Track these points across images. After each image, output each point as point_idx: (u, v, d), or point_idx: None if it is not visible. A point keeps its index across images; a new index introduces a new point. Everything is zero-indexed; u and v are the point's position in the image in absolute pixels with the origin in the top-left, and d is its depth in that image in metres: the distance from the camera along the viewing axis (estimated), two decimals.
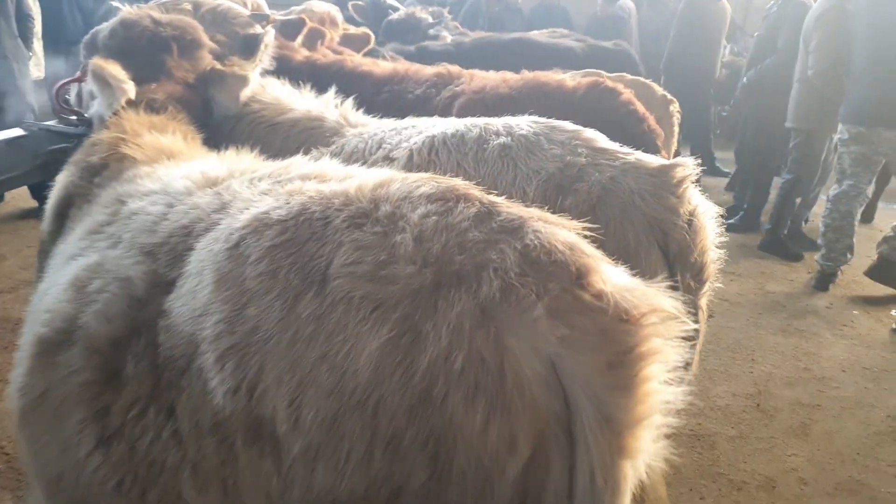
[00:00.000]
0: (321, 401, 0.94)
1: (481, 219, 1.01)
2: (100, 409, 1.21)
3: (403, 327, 0.92)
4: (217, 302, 1.10)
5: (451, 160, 1.59)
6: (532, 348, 0.88)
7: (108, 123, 1.90)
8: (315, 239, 1.08)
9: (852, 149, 4.62)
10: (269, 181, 1.34)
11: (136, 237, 1.38)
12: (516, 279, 0.91)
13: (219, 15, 2.47)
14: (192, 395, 1.11)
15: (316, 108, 2.13)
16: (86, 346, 1.25)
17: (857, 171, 4.64)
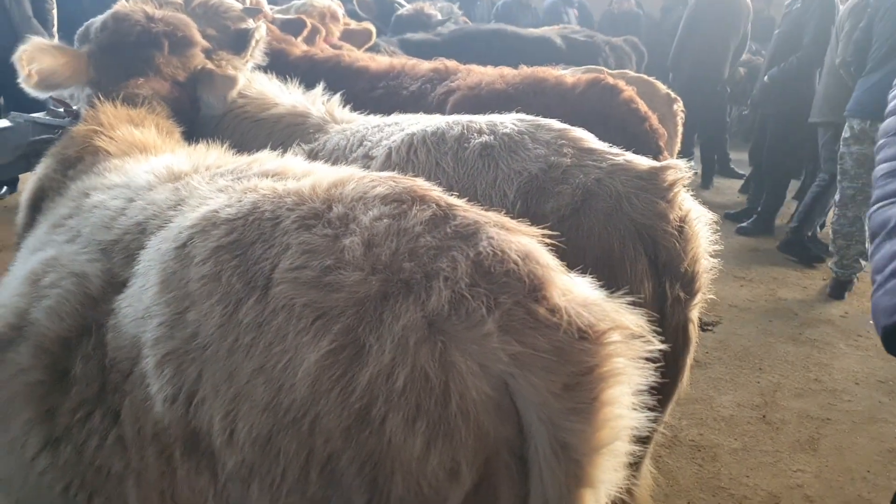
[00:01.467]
0: (256, 416, 0.87)
1: (436, 223, 0.94)
2: (47, 409, 1.17)
3: (345, 340, 0.85)
4: (160, 304, 1.04)
5: (429, 159, 1.52)
6: (481, 367, 0.80)
7: (84, 116, 1.86)
8: (263, 240, 1.01)
9: (853, 149, 4.44)
10: (229, 177, 1.28)
11: (93, 233, 1.33)
12: (467, 290, 0.84)
13: (210, 9, 2.42)
14: (135, 401, 1.06)
15: (302, 103, 2.07)
16: (35, 343, 1.20)
17: (860, 172, 4.45)
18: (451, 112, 2.42)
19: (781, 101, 5.69)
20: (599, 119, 2.25)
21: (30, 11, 5.11)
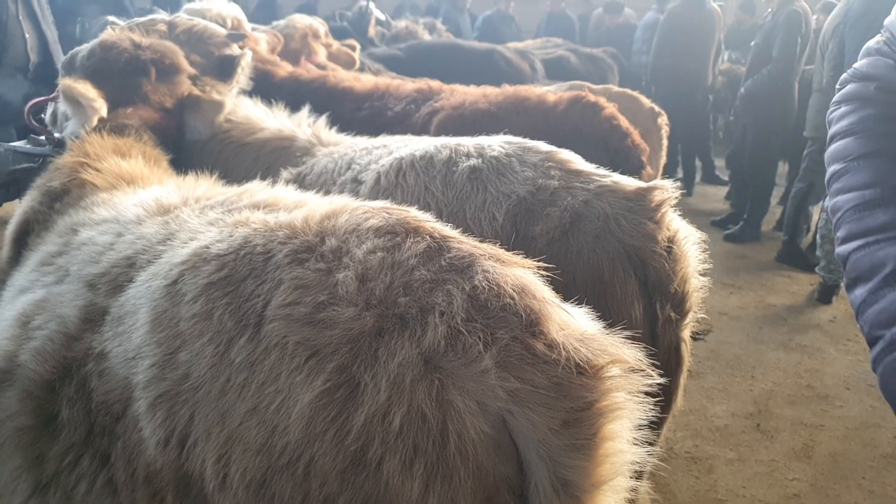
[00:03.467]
0: (249, 459, 0.85)
1: (430, 256, 0.93)
2: (36, 455, 1.14)
3: (339, 379, 0.84)
4: (151, 344, 1.02)
5: (418, 183, 1.51)
6: (479, 405, 0.79)
7: (70, 146, 1.83)
8: (254, 276, 1.00)
9: None
10: (219, 210, 1.27)
11: (81, 269, 1.31)
12: (463, 325, 0.83)
13: (194, 35, 2.41)
14: (128, 444, 1.04)
15: (288, 126, 2.06)
16: (22, 387, 1.18)
17: None
18: (436, 132, 2.43)
19: (758, 111, 5.81)
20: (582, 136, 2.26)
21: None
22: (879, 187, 0.98)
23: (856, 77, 1.11)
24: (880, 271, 0.92)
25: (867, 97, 1.06)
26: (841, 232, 1.02)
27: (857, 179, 1.01)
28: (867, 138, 1.03)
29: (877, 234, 0.96)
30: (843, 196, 1.03)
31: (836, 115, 1.11)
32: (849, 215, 1.00)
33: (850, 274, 0.98)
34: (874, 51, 1.09)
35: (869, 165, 1.00)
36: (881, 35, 1.10)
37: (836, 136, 1.09)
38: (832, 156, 1.09)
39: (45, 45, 4.51)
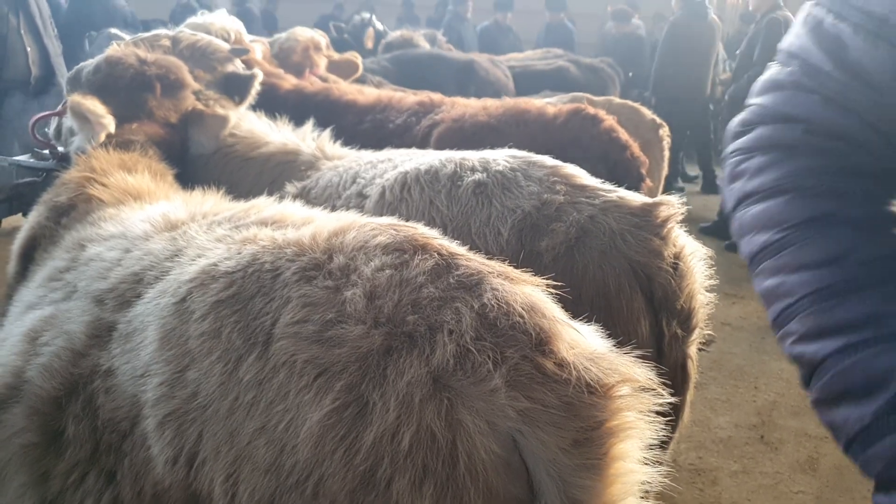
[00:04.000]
0: (258, 478, 0.85)
1: (438, 273, 0.93)
2: (42, 473, 1.14)
3: (348, 398, 0.84)
4: (160, 362, 1.02)
5: (423, 198, 1.52)
6: (489, 424, 0.79)
7: (76, 162, 1.84)
8: (263, 294, 1.00)
9: None
10: (227, 226, 1.27)
11: (89, 285, 1.32)
12: (472, 344, 0.83)
13: (197, 50, 2.43)
14: (135, 462, 1.04)
15: (292, 140, 2.07)
16: (29, 404, 1.18)
17: None
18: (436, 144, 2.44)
19: None
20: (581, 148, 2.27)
21: None
22: (845, 263, 0.75)
23: (767, 117, 0.86)
24: (884, 387, 0.68)
25: (792, 144, 0.83)
26: (797, 325, 0.77)
27: (809, 254, 0.77)
28: (810, 198, 0.79)
29: (861, 330, 0.71)
30: (791, 276, 0.78)
31: (750, 168, 0.85)
32: (808, 303, 0.76)
33: (833, 387, 0.73)
34: (789, 84, 0.84)
35: (822, 234, 0.77)
36: (784, 64, 0.86)
37: (754, 195, 0.84)
38: (756, 222, 0.83)
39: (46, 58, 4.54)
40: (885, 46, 0.75)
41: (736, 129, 0.91)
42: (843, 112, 0.79)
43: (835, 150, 0.80)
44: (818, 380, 0.75)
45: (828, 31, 0.80)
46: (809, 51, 0.82)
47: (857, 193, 0.79)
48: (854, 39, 0.77)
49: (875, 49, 0.75)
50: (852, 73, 0.77)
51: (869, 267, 0.75)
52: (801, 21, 0.86)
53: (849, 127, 0.79)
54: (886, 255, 0.76)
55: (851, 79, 0.78)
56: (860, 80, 0.77)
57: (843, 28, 0.78)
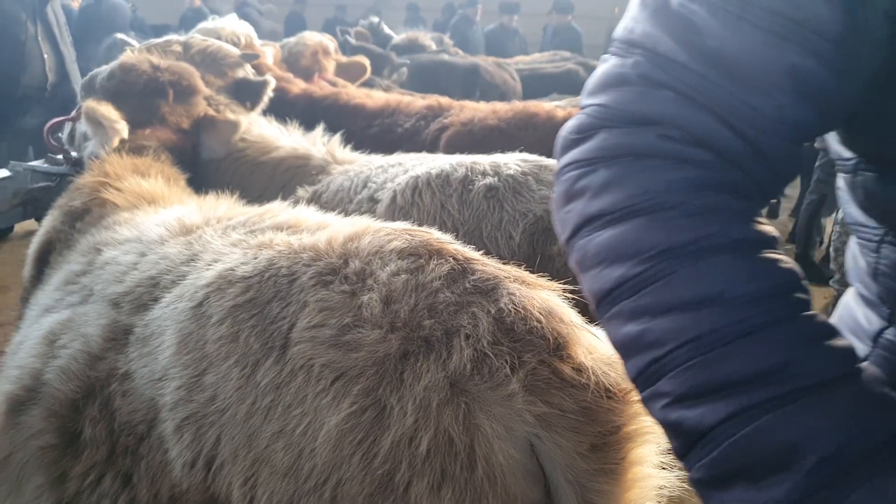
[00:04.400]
0: (276, 482, 0.86)
1: (454, 278, 0.94)
2: (59, 474, 1.15)
3: (366, 401, 0.84)
4: (177, 366, 1.03)
5: (434, 202, 1.53)
6: (506, 429, 0.80)
7: (91, 167, 1.86)
8: (279, 298, 1.01)
9: None
10: (242, 230, 1.28)
11: (105, 288, 1.33)
12: (489, 348, 0.83)
13: (208, 56, 2.45)
14: (152, 465, 1.04)
15: (303, 145, 2.08)
16: (46, 406, 1.19)
17: None
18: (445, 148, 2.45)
19: None
20: None
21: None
22: (726, 303, 0.59)
23: (612, 120, 0.68)
24: (792, 464, 0.53)
25: (644, 152, 0.65)
26: (670, 384, 0.60)
27: (679, 291, 0.60)
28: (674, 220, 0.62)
29: (760, 388, 0.56)
30: (657, 321, 0.61)
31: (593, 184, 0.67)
32: (684, 356, 0.59)
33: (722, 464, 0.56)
34: (635, 78, 0.68)
35: (694, 266, 0.61)
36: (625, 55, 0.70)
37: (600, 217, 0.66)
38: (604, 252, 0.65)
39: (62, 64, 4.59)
40: (749, 30, 0.62)
41: (569, 137, 0.72)
42: (702, 112, 0.64)
43: (696, 158, 0.64)
44: (703, 454, 0.58)
45: (676, 14, 0.66)
46: (656, 38, 0.67)
47: (728, 212, 0.63)
48: (710, 23, 0.63)
49: (736, 34, 0.62)
50: (710, 64, 0.63)
51: (754, 305, 0.58)
52: (638, 2, 0.71)
53: (710, 131, 0.64)
54: (772, 288, 0.60)
55: (709, 71, 0.64)
56: (720, 73, 0.63)
57: (696, 9, 0.64)
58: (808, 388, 0.55)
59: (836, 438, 0.53)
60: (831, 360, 0.57)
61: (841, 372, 0.57)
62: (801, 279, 0.62)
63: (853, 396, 0.56)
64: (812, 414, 0.54)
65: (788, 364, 0.56)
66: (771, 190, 0.69)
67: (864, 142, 0.70)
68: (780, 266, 0.62)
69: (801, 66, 0.61)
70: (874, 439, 0.53)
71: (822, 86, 0.62)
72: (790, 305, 0.60)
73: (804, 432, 0.54)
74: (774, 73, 0.62)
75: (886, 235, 0.71)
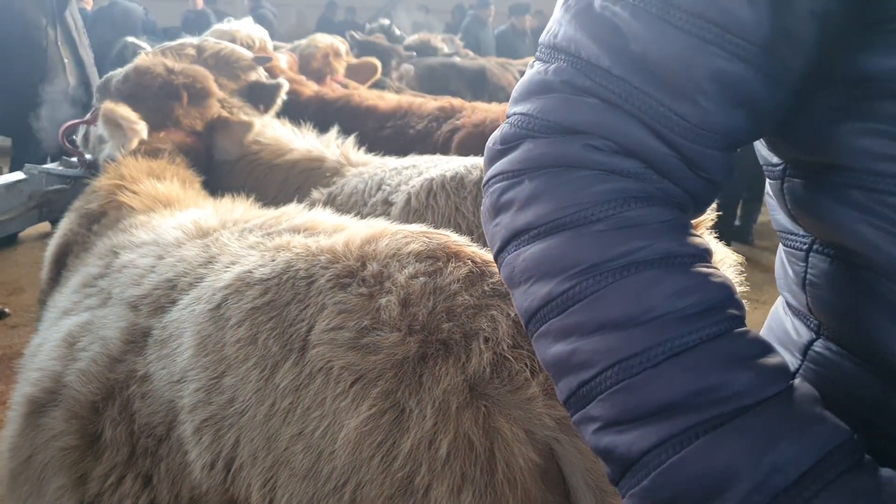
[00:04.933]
0: (295, 484, 0.86)
1: (472, 281, 0.94)
2: (80, 475, 1.16)
3: (385, 404, 0.85)
4: (196, 368, 1.04)
5: (449, 204, 1.53)
6: (526, 432, 0.80)
7: (106, 169, 1.88)
8: (298, 300, 1.01)
9: None
10: (259, 233, 1.29)
11: (123, 291, 1.34)
12: (509, 352, 0.83)
13: (221, 59, 2.47)
14: (172, 466, 1.05)
15: (316, 147, 2.09)
16: (67, 408, 1.20)
17: None
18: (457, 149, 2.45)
19: None
20: None
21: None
22: (658, 320, 0.57)
23: (536, 129, 0.66)
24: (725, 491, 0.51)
25: (569, 163, 0.63)
26: (599, 408, 0.58)
27: (607, 309, 0.58)
28: (601, 234, 0.60)
29: (685, 413, 0.54)
30: (586, 341, 0.59)
31: (520, 197, 0.65)
32: (613, 377, 0.57)
33: (655, 492, 0.54)
34: (558, 84, 0.65)
35: (623, 282, 0.59)
36: (548, 61, 0.67)
37: (526, 231, 0.64)
38: (532, 268, 0.63)
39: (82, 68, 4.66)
40: (673, 33, 0.59)
41: (495, 148, 0.70)
42: (628, 121, 0.62)
43: (623, 169, 0.62)
44: (634, 482, 0.56)
45: (599, 17, 0.63)
46: (579, 42, 0.64)
47: (657, 225, 0.61)
48: (633, 26, 0.60)
49: (660, 38, 0.59)
50: (634, 70, 0.61)
51: (683, 323, 0.56)
52: (561, 5, 0.68)
53: (637, 140, 0.61)
54: (702, 304, 0.57)
55: (633, 76, 0.61)
56: (644, 79, 0.60)
57: (618, 12, 0.61)
58: (738, 410, 0.53)
59: (768, 460, 0.51)
60: (763, 379, 0.54)
61: (772, 392, 0.54)
62: (733, 294, 0.60)
63: (784, 417, 0.53)
64: (743, 438, 0.52)
65: (719, 386, 0.54)
66: (704, 198, 0.67)
67: (792, 147, 0.67)
68: (712, 280, 0.59)
69: (726, 70, 0.58)
70: (804, 462, 0.51)
71: (750, 91, 0.59)
72: (721, 322, 0.57)
73: (735, 458, 0.51)
74: (699, 79, 0.59)
75: (814, 244, 0.68)
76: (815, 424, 0.53)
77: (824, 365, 0.68)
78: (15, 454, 1.27)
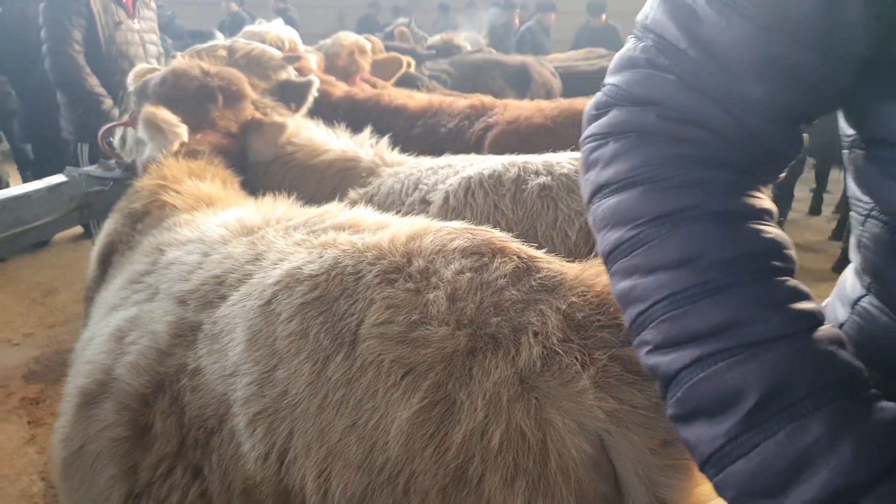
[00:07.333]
0: (350, 475, 0.88)
1: (519, 276, 0.95)
2: (130, 466, 1.19)
3: (436, 396, 0.86)
4: (248, 362, 1.07)
5: (487, 202, 1.54)
6: (578, 424, 0.81)
7: (149, 170, 1.93)
8: (346, 296, 1.03)
9: None
10: (303, 231, 1.31)
11: (171, 287, 1.38)
12: (559, 345, 0.85)
13: (252, 59, 2.52)
14: (224, 458, 1.08)
15: (351, 148, 2.12)
16: (118, 400, 1.24)
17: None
18: (490, 147, 2.46)
19: None
20: None
21: None
22: (701, 265, 0.67)
23: (622, 99, 0.77)
24: (736, 404, 0.62)
25: (646, 130, 0.74)
26: (650, 333, 0.69)
27: (662, 253, 0.69)
28: (665, 191, 0.70)
29: (714, 340, 0.65)
30: (644, 279, 0.70)
31: (604, 156, 0.76)
32: (662, 309, 0.68)
33: (685, 403, 0.66)
34: (643, 62, 0.75)
35: (677, 232, 0.69)
36: (640, 39, 0.77)
37: (607, 186, 0.75)
38: (609, 216, 0.74)
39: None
40: (738, 20, 0.66)
41: (590, 113, 0.82)
42: (699, 96, 0.71)
43: (691, 137, 0.72)
44: (672, 394, 0.68)
45: (682, 4, 0.71)
46: (664, 25, 0.73)
47: (716, 186, 0.70)
48: (708, 13, 0.68)
49: (727, 24, 0.67)
50: (706, 53, 0.69)
51: (724, 268, 0.67)
52: None
53: (706, 113, 0.71)
54: (744, 255, 0.67)
55: (706, 58, 0.69)
56: (714, 61, 0.69)
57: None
58: (757, 342, 0.64)
59: (772, 384, 0.62)
60: (784, 320, 0.65)
61: (790, 330, 0.64)
62: (781, 248, 0.69)
63: (795, 351, 0.63)
64: (756, 363, 0.63)
65: (743, 322, 0.65)
66: (772, 167, 0.76)
67: (856, 121, 0.75)
68: (760, 235, 0.69)
69: (785, 55, 0.65)
70: (801, 389, 0.61)
71: (807, 73, 0.66)
72: (759, 270, 0.67)
73: (747, 378, 0.63)
74: (760, 63, 0.67)
75: (873, 210, 0.75)
76: (822, 359, 0.63)
77: (866, 319, 0.79)
78: (67, 444, 1.31)
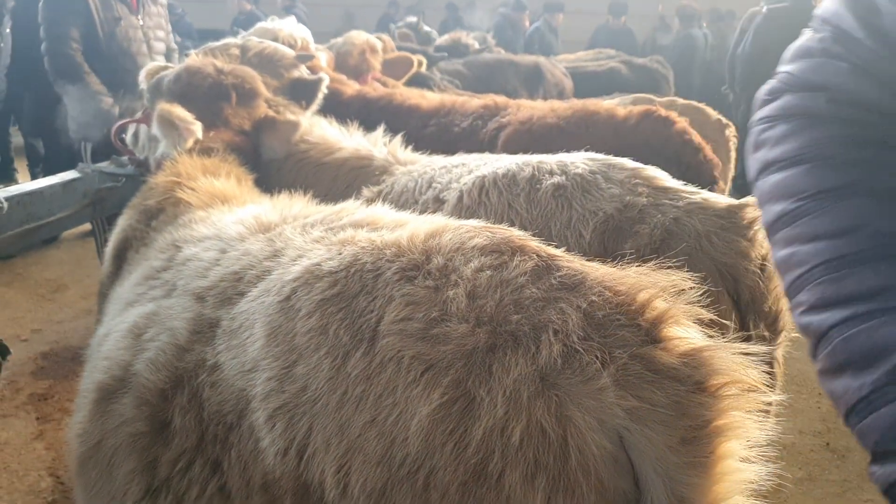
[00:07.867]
0: (370, 470, 0.89)
1: (538, 274, 0.96)
2: (150, 460, 1.20)
3: (456, 392, 0.87)
4: (267, 358, 1.07)
5: (501, 201, 1.55)
6: (598, 421, 0.81)
7: (163, 167, 1.94)
8: (366, 292, 1.04)
9: None
10: (321, 228, 1.32)
11: (188, 283, 1.38)
12: (579, 343, 0.85)
13: (265, 57, 2.53)
14: (243, 452, 1.09)
15: (364, 146, 2.13)
16: (137, 395, 1.25)
17: None
18: (503, 147, 2.46)
19: None
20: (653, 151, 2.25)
21: None
22: (860, 235, 0.74)
23: (794, 85, 0.85)
24: (885, 358, 0.68)
25: (815, 113, 0.82)
26: (806, 295, 0.78)
27: (823, 224, 0.77)
28: (830, 168, 0.78)
29: (868, 301, 0.71)
30: (804, 246, 0.78)
31: (773, 136, 0.85)
32: (819, 273, 0.76)
33: (836, 356, 0.73)
34: (818, 51, 0.83)
35: (839, 205, 0.77)
36: (815, 31, 0.85)
37: (775, 163, 0.83)
38: (774, 191, 0.83)
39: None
40: None
41: (763, 98, 0.90)
42: (871, 81, 0.77)
43: (859, 119, 0.79)
44: (822, 350, 0.76)
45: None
46: (842, 16, 0.80)
47: (879, 165, 0.77)
48: (889, 6, 0.75)
49: None
50: (884, 42, 0.75)
51: (882, 239, 0.74)
52: None
53: (875, 97, 0.77)
54: None
55: (882, 48, 0.76)
56: (891, 50, 0.75)
57: None
58: None
59: None
60: None
61: None
62: None
63: None
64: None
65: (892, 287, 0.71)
66: None
67: None
68: None
69: None
70: None
71: None
72: None
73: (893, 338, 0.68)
74: None
75: None
76: None
77: None
78: (85, 439, 1.32)
